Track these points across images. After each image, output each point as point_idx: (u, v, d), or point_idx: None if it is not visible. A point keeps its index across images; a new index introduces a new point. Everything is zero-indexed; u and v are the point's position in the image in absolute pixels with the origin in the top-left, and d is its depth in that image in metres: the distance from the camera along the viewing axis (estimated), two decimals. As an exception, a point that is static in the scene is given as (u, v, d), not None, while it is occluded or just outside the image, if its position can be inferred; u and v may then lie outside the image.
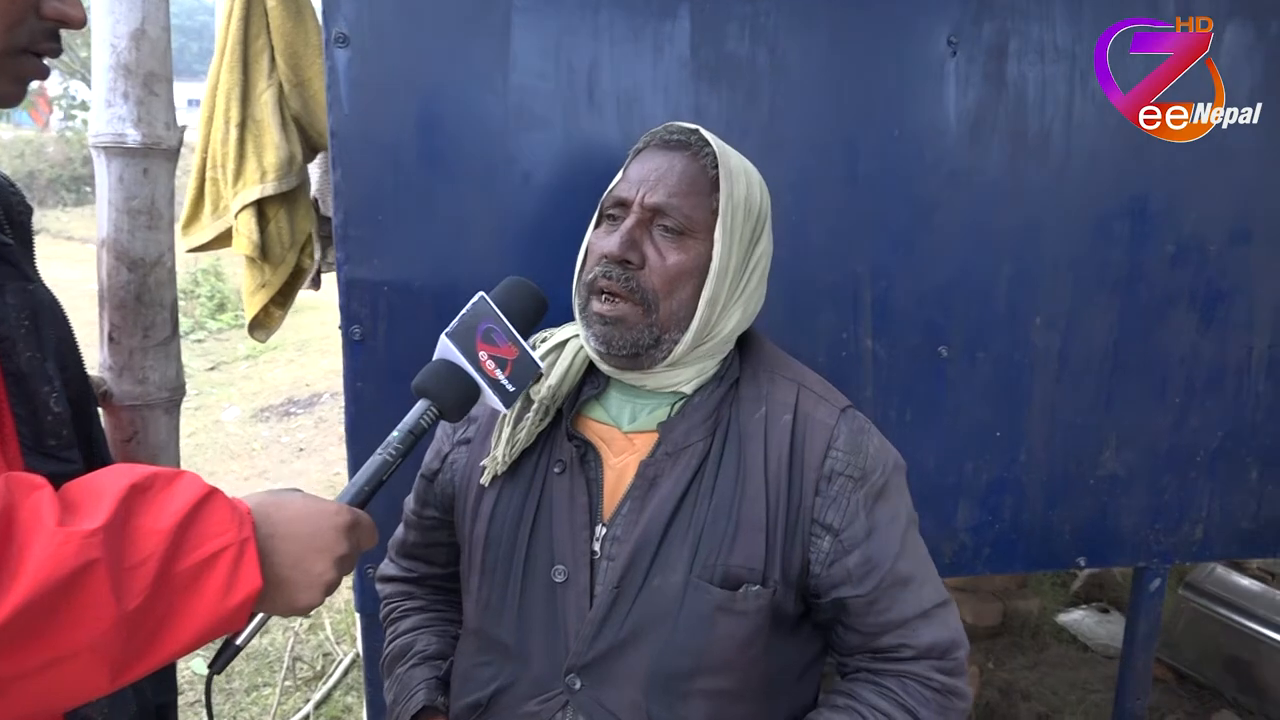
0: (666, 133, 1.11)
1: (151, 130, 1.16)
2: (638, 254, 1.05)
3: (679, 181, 1.06)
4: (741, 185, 1.08)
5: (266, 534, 0.82)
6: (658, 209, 1.05)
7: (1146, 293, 1.87)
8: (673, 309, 1.05)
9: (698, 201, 1.06)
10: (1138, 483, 1.95)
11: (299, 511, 0.87)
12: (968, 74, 1.74)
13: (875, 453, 1.10)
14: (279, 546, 0.83)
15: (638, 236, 1.05)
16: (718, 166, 1.07)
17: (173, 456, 1.27)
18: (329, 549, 0.86)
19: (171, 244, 1.22)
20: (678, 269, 1.05)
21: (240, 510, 0.81)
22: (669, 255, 1.05)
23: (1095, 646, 3.55)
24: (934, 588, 1.10)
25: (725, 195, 1.06)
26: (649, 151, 1.10)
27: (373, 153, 1.57)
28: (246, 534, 0.80)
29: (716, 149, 1.08)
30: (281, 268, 2.00)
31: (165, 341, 1.23)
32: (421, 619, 1.29)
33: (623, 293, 1.04)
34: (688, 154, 1.08)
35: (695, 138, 1.09)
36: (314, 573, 0.85)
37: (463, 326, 0.99)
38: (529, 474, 1.12)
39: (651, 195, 1.05)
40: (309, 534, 0.85)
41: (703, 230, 1.06)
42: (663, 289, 1.05)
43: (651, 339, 1.05)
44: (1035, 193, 1.80)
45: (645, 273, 1.05)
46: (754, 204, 1.10)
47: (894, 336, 1.79)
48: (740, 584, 1.03)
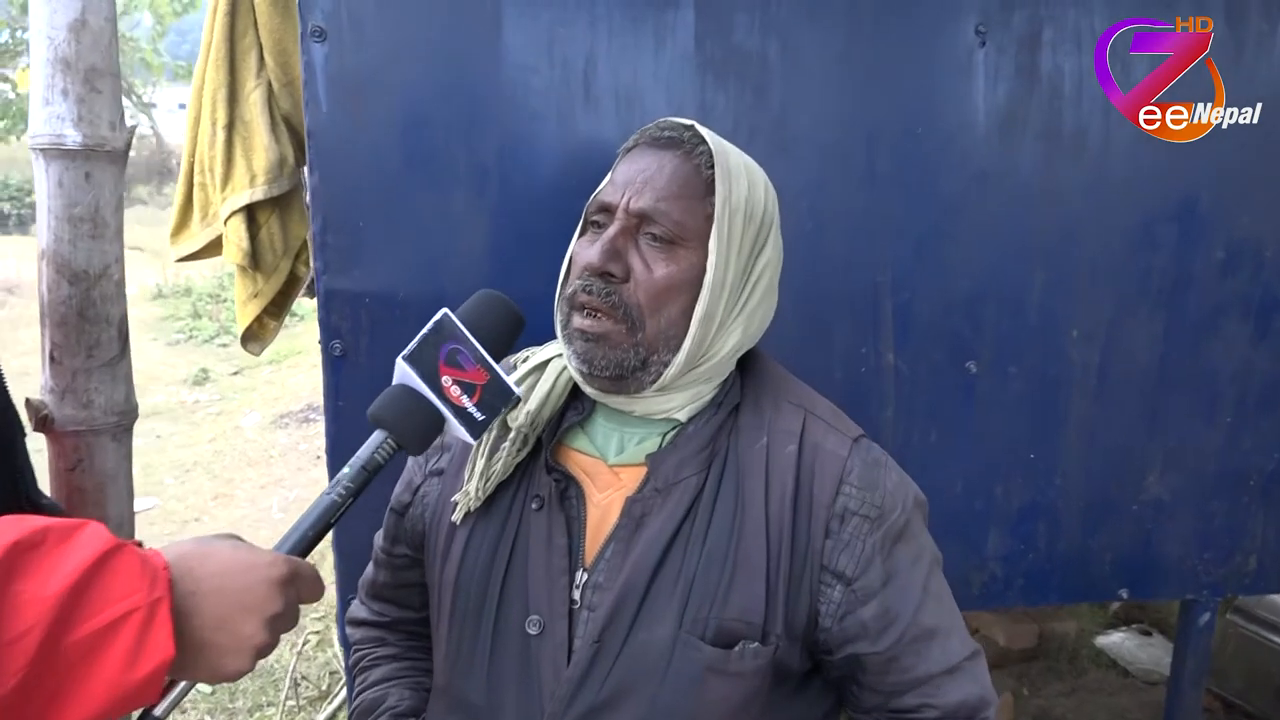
0: (657, 129, 1.01)
1: (94, 130, 1.07)
2: (621, 266, 0.95)
3: (669, 184, 0.96)
4: (741, 186, 0.98)
5: (186, 591, 0.73)
6: (644, 215, 0.95)
7: (1196, 302, 1.76)
8: (661, 327, 0.95)
9: (690, 206, 0.96)
10: (1185, 509, 1.84)
11: (226, 564, 0.77)
12: (997, 65, 1.63)
13: (894, 488, 0.99)
14: (201, 606, 0.74)
15: (621, 246, 0.96)
16: (713, 166, 0.97)
17: (123, 486, 1.17)
18: (259, 607, 0.76)
19: (119, 255, 1.12)
20: (666, 282, 0.95)
21: (153, 566, 0.72)
22: (656, 267, 0.95)
23: (1136, 671, 3.42)
24: (960, 639, 0.99)
25: (721, 199, 0.96)
26: (638, 151, 1.01)
27: (353, 154, 1.49)
28: (159, 594, 0.70)
29: (713, 146, 0.98)
30: (275, 277, 1.92)
31: (112, 361, 1.13)
32: (393, 669, 1.18)
33: (604, 308, 0.95)
34: (679, 153, 0.98)
35: (689, 134, 0.99)
36: (242, 635, 0.76)
37: (422, 348, 0.89)
38: (504, 511, 1.02)
39: (637, 200, 0.95)
40: (237, 590, 0.76)
41: (695, 238, 0.96)
42: (649, 305, 0.95)
43: (638, 360, 0.96)
44: (1072, 193, 1.69)
45: (629, 287, 0.95)
46: (756, 208, 1.00)
47: (917, 351, 1.69)
48: (736, 640, 0.92)
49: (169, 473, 5.33)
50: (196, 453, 5.69)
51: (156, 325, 9.49)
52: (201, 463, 5.50)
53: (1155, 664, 3.36)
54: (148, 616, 0.69)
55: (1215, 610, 1.93)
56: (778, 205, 1.04)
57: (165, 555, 0.74)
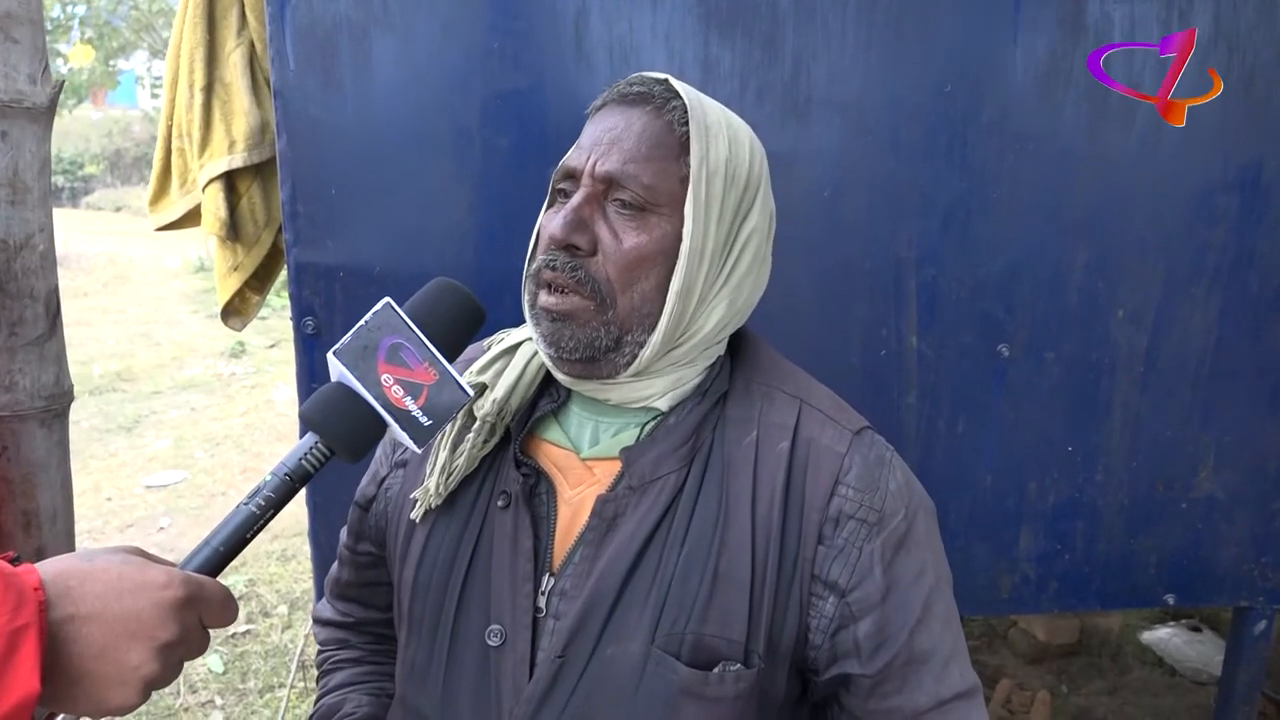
0: (627, 85, 0.92)
1: (9, 84, 0.96)
2: (587, 237, 0.86)
3: (637, 144, 0.87)
4: (721, 144, 0.89)
5: (64, 615, 0.64)
6: (611, 179, 0.86)
7: (1257, 283, 1.65)
8: (634, 303, 0.87)
9: (662, 168, 0.87)
10: (1241, 508, 1.73)
11: (112, 584, 0.67)
12: (1037, 16, 1.50)
13: (897, 490, 0.89)
14: (81, 632, 0.65)
15: (586, 215, 0.87)
16: (688, 123, 0.87)
17: (54, 476, 1.08)
18: (148, 634, 0.67)
19: (45, 224, 1.02)
20: (637, 253, 0.86)
21: (20, 586, 0.62)
22: (626, 237, 0.86)
23: (1184, 670, 3.27)
24: (960, 672, 0.89)
25: (697, 158, 0.87)
26: (606, 110, 0.91)
27: (324, 116, 1.40)
28: (24, 620, 0.61)
29: (687, 100, 0.88)
30: (256, 248, 1.83)
31: (39, 340, 1.04)
32: (354, 673, 1.12)
33: (570, 284, 0.86)
34: (649, 109, 0.89)
35: (660, 88, 0.90)
36: (127, 665, 0.67)
37: (358, 342, 0.77)
38: (467, 507, 0.94)
39: (603, 163, 0.86)
40: (123, 614, 0.67)
41: (669, 204, 0.87)
42: (619, 279, 0.86)
43: (610, 340, 0.87)
44: (1119, 161, 1.57)
45: (597, 260, 0.86)
46: (740, 168, 0.90)
47: (944, 333, 1.60)
48: (715, 660, 0.83)
49: (200, 445, 5.35)
50: (228, 425, 5.71)
51: (197, 298, 9.58)
52: (232, 436, 5.52)
53: (1205, 663, 3.21)
54: (7, 647, 0.59)
55: (1272, 619, 1.81)
56: (767, 164, 0.94)
57: (41, 573, 0.65)
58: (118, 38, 12.34)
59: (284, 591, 3.55)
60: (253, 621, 3.34)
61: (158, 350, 7.47)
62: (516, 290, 1.42)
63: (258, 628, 3.31)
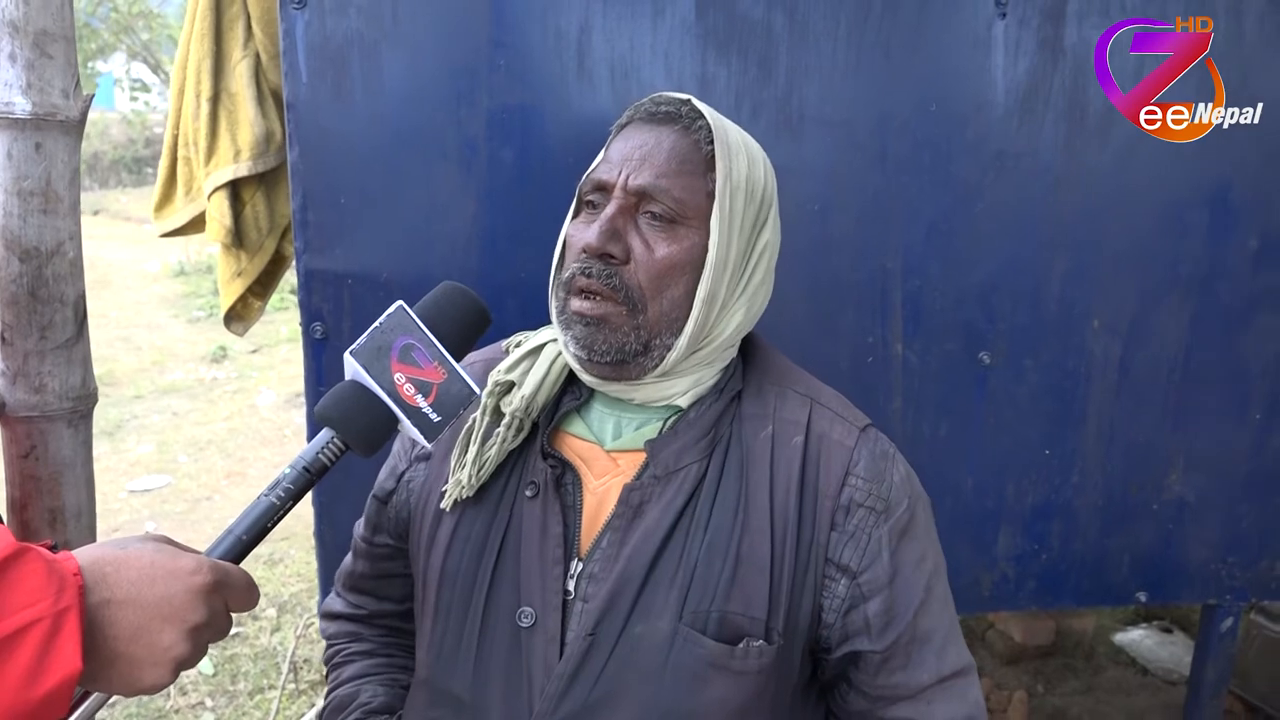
0: (653, 104, 0.98)
1: (44, 98, 1.00)
2: (620, 246, 0.92)
3: (668, 160, 0.93)
4: (742, 163, 0.95)
5: (101, 600, 0.68)
6: (643, 193, 0.93)
7: (1227, 292, 1.69)
8: (663, 309, 0.93)
9: (690, 183, 0.93)
10: (1210, 510, 1.78)
11: (145, 570, 0.71)
12: (1018, 39, 1.55)
13: (900, 482, 0.97)
14: (116, 615, 0.68)
15: (620, 226, 0.93)
16: (713, 142, 0.94)
17: (79, 474, 1.12)
18: (180, 617, 0.71)
19: (74, 232, 1.06)
20: (668, 263, 0.92)
21: (62, 572, 0.66)
22: (657, 247, 0.92)
23: (1156, 670, 3.31)
24: (957, 650, 0.96)
25: (722, 175, 0.93)
26: (633, 127, 0.98)
27: (334, 128, 1.43)
28: (67, 603, 0.64)
29: (712, 121, 0.95)
30: (259, 255, 1.86)
31: (68, 344, 1.07)
32: (368, 665, 1.15)
33: (604, 291, 0.92)
34: (677, 128, 0.95)
35: (687, 109, 0.97)
36: (159, 646, 0.70)
37: (373, 343, 0.83)
38: (496, 497, 0.99)
39: (636, 177, 0.93)
40: (155, 599, 0.70)
41: (696, 217, 0.94)
42: (650, 287, 0.92)
43: (639, 344, 0.93)
44: (1095, 177, 1.61)
45: (630, 268, 0.92)
46: (757, 185, 0.97)
47: (927, 341, 1.63)
48: (739, 636, 0.89)
49: (184, 450, 5.32)
50: (212, 430, 5.67)
51: (178, 302, 9.48)
52: (216, 441, 5.48)
53: (1176, 663, 3.26)
54: (52, 628, 0.63)
55: (1239, 615, 1.87)
56: (776, 185, 1.01)
57: (79, 560, 0.69)
58: (96, 40, 12.21)
59: (272, 595, 3.56)
60: (242, 624, 3.35)
61: (139, 355, 7.40)
62: (518, 295, 1.48)
63: (247, 630, 3.32)
